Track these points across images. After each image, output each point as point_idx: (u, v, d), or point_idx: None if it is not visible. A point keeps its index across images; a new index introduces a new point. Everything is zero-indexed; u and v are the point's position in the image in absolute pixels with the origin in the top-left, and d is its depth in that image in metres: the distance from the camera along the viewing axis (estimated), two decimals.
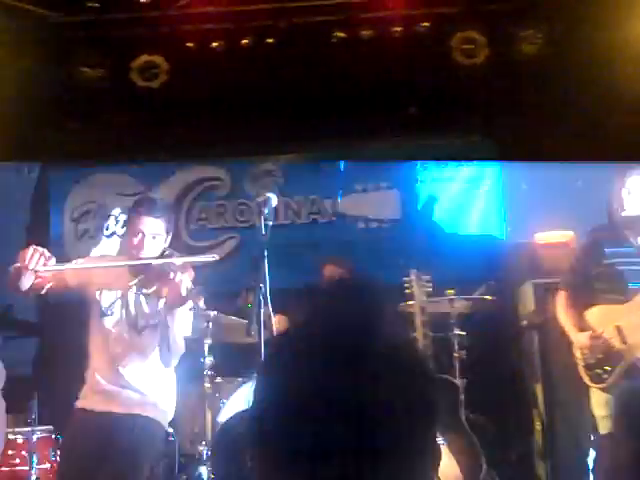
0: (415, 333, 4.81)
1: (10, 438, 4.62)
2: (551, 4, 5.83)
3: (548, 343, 5.06)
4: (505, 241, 6.00)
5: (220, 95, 6.31)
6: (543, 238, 5.64)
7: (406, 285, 5.01)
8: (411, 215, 6.58)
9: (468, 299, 5.12)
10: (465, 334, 5.02)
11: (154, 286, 3.82)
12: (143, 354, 3.86)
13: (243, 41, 6.06)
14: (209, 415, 4.76)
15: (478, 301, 5.14)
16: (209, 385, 4.80)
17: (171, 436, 4.73)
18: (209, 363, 4.85)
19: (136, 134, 6.63)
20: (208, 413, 4.76)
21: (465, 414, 4.80)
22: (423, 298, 4.95)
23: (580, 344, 4.21)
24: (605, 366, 4.08)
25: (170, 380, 4.02)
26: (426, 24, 5.93)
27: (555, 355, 4.89)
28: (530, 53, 5.83)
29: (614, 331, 4.08)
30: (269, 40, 6.08)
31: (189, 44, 6.06)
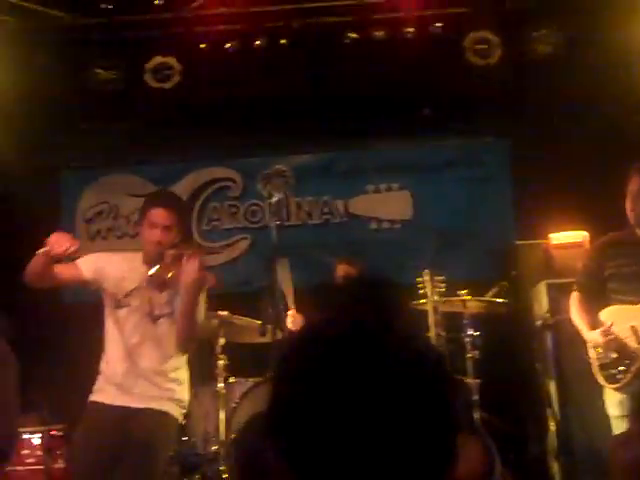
0: (428, 333, 4.81)
1: (24, 437, 4.64)
2: (565, 4, 5.82)
3: (562, 343, 5.04)
4: (518, 241, 5.97)
5: (233, 96, 6.33)
6: (557, 238, 5.63)
7: (419, 285, 5.02)
8: (423, 216, 6.57)
9: (482, 300, 5.10)
10: (478, 334, 5.01)
11: (169, 275, 3.87)
12: (159, 343, 3.91)
13: (256, 42, 6.08)
14: (222, 415, 4.76)
15: (491, 301, 5.12)
16: (222, 385, 4.81)
17: (185, 435, 4.75)
18: (222, 363, 4.85)
19: (149, 135, 6.66)
20: (221, 413, 4.76)
21: (479, 414, 4.79)
22: (436, 298, 4.95)
23: (594, 343, 4.20)
24: (620, 366, 4.07)
25: (185, 371, 4.05)
26: (439, 25, 5.93)
27: (569, 355, 4.87)
28: (544, 53, 5.82)
29: (629, 331, 4.06)
30: (282, 41, 6.09)
31: (202, 45, 6.09)
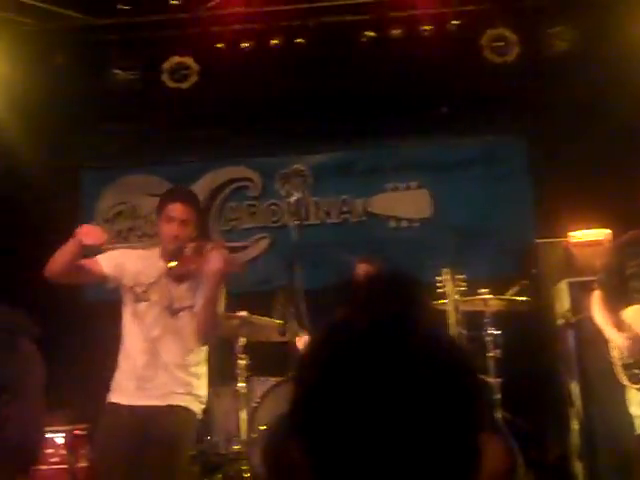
0: (449, 332, 4.80)
1: (48, 437, 4.67)
2: (582, 0, 5.79)
3: (584, 342, 5.01)
4: (538, 240, 5.94)
5: (250, 95, 6.34)
6: (577, 236, 5.60)
7: (439, 284, 5.00)
8: (442, 214, 6.55)
9: (502, 298, 5.08)
10: (499, 333, 4.99)
11: (189, 268, 3.92)
12: (180, 336, 3.93)
13: (272, 41, 6.07)
14: (243, 414, 4.78)
15: (512, 299, 5.10)
16: (243, 385, 4.82)
17: (206, 434, 4.77)
18: (243, 363, 4.86)
19: (167, 135, 6.68)
20: (242, 412, 4.78)
21: (500, 414, 4.78)
22: (457, 297, 4.94)
23: (617, 344, 4.17)
24: None
25: (204, 366, 4.07)
26: (456, 22, 5.91)
27: (591, 354, 4.84)
28: (562, 50, 5.79)
29: None
30: (299, 40, 6.09)
31: (219, 45, 6.09)
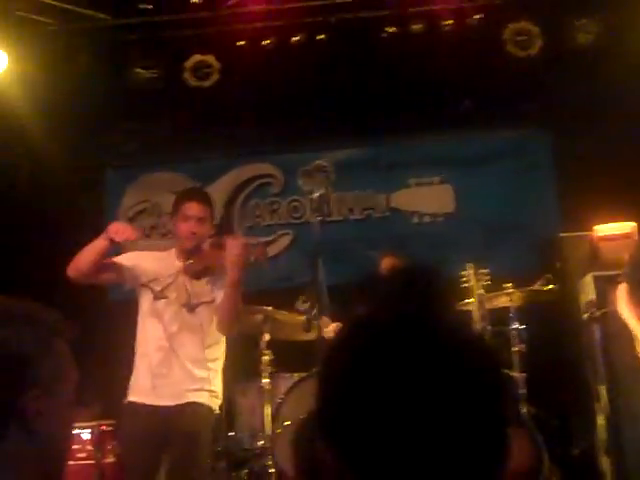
0: (474, 327, 4.77)
1: (75, 433, 4.70)
2: None
3: (610, 336, 4.97)
4: (563, 233, 5.90)
5: (272, 93, 6.34)
6: (603, 230, 5.55)
7: (463, 279, 4.98)
8: (466, 209, 6.51)
9: (527, 292, 5.04)
10: (524, 327, 4.95)
11: (206, 264, 3.99)
12: (197, 332, 3.98)
13: (293, 38, 6.08)
14: (268, 410, 4.79)
15: (537, 294, 5.06)
16: (268, 381, 4.82)
17: (231, 430, 4.79)
18: (267, 359, 4.87)
19: (189, 133, 6.71)
20: (267, 408, 4.79)
21: (525, 408, 4.74)
22: (481, 291, 4.91)
23: None
24: None
25: (222, 362, 4.11)
26: (478, 16, 5.88)
27: (617, 348, 4.80)
28: (586, 43, 5.74)
29: None
30: (320, 37, 6.09)
31: (240, 43, 6.10)
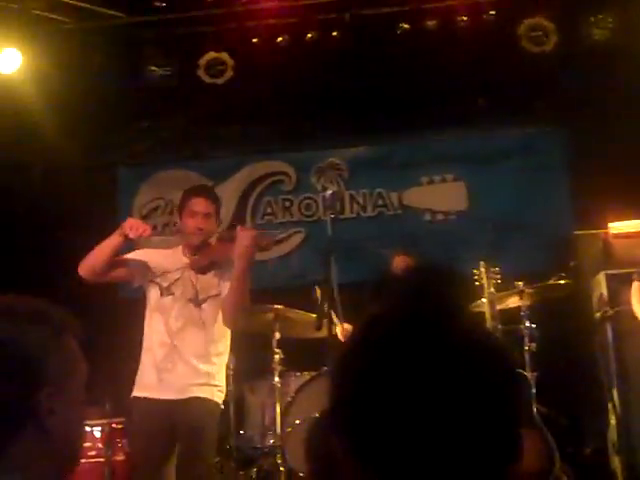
0: (486, 325, 4.75)
1: (86, 430, 4.72)
2: None
3: (622, 335, 4.94)
4: (576, 231, 5.85)
5: (285, 90, 6.34)
6: (617, 227, 5.50)
7: (475, 277, 4.95)
8: (478, 206, 6.47)
9: (539, 291, 5.00)
10: (535, 326, 4.91)
11: (212, 259, 4.01)
12: (203, 327, 4.00)
13: (308, 35, 6.07)
14: (278, 408, 4.79)
15: (549, 292, 5.02)
16: (278, 379, 4.83)
17: (242, 428, 4.79)
18: (278, 357, 4.87)
19: (203, 130, 6.72)
20: (277, 407, 4.79)
21: (536, 408, 4.71)
22: (492, 290, 4.88)
23: None
24: None
25: (226, 357, 4.14)
26: (492, 12, 5.84)
27: (630, 347, 4.77)
28: (601, 39, 5.68)
29: None
30: (334, 33, 6.07)
31: (254, 40, 6.10)
